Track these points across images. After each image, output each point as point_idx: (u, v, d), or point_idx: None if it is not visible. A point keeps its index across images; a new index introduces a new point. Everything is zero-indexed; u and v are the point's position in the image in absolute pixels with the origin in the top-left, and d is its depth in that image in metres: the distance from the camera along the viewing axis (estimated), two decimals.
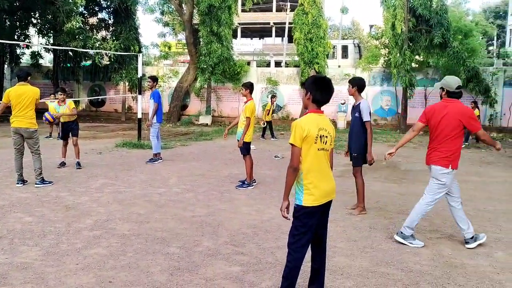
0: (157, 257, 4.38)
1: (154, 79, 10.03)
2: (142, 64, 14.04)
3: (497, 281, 4.02)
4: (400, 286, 3.87)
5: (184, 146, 12.95)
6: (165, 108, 20.61)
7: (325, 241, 3.55)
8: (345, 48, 26.47)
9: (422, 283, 3.95)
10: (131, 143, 12.30)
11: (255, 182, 7.78)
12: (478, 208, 6.63)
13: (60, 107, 8.86)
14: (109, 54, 21.46)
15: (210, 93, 21.65)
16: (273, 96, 16.61)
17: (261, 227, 5.43)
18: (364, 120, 5.93)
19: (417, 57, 19.31)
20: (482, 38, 31.83)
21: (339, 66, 23.47)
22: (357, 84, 6.05)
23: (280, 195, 3.43)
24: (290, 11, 31.05)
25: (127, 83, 22.36)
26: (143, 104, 14.06)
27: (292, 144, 3.27)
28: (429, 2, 17.85)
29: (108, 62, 22.55)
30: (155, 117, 9.69)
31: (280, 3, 38.85)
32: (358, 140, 6.00)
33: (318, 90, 3.34)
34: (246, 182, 7.64)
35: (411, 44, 18.23)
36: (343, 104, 19.65)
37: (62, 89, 9.13)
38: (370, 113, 6.01)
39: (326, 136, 3.32)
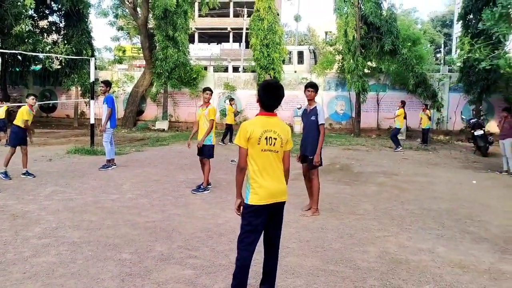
0: (108, 263, 4.32)
1: (107, 83, 9.89)
2: (95, 69, 13.75)
3: (438, 275, 4.25)
4: (348, 283, 4.02)
5: (139, 152, 12.76)
6: (120, 113, 20.22)
7: (277, 243, 3.61)
8: (300, 54, 26.83)
9: (369, 279, 4.12)
10: (83, 150, 11.98)
11: (210, 185, 7.80)
12: (424, 207, 6.95)
13: (31, 112, 8.90)
14: (60, 58, 20.84)
15: (167, 98, 21.48)
16: (232, 99, 16.79)
17: (215, 230, 5.46)
18: (319, 123, 6.12)
19: (369, 63, 19.95)
20: (430, 46, 33.37)
21: (295, 72, 23.83)
22: (317, 89, 6.26)
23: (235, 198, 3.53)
24: (247, 16, 31.29)
25: (79, 88, 21.76)
26: (96, 110, 13.74)
27: (238, 145, 3.41)
28: (379, 11, 18.56)
29: (59, 67, 21.87)
30: (108, 122, 9.54)
31: (237, 8, 39.09)
32: (315, 143, 6.14)
33: (265, 95, 3.46)
34: (202, 187, 7.64)
35: (363, 50, 18.86)
36: (299, 108, 19.99)
37: (34, 95, 9.24)
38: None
39: (275, 138, 3.40)
